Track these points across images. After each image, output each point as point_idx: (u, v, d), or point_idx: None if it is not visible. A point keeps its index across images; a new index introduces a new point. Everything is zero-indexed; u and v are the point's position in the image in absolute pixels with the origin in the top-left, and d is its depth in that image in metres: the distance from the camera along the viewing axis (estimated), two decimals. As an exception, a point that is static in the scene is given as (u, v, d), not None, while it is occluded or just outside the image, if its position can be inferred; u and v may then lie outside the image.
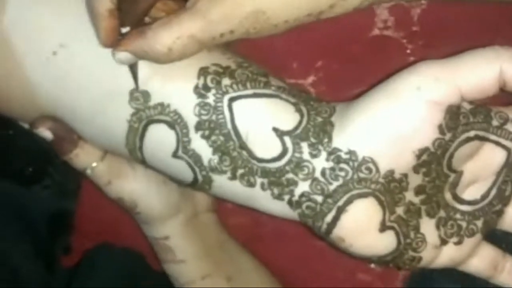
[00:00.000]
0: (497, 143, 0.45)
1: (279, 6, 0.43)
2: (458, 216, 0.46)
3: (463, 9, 0.52)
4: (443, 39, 0.52)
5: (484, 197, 0.46)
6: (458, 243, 0.46)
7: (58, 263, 0.60)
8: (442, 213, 0.46)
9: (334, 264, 0.57)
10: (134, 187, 0.53)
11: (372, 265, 0.56)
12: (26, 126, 0.52)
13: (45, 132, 0.48)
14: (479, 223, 0.46)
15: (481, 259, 0.48)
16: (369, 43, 0.53)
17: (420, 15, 0.52)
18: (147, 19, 0.44)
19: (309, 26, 0.52)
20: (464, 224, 0.46)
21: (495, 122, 0.44)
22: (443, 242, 0.46)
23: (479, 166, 0.46)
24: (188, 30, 0.42)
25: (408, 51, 0.53)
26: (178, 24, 0.42)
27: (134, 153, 0.47)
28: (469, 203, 0.46)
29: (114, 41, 0.44)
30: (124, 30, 0.44)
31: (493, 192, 0.46)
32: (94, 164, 0.51)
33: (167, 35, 0.42)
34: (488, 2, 0.50)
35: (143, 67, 0.45)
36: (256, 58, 0.47)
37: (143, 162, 0.47)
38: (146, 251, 0.59)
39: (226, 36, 0.43)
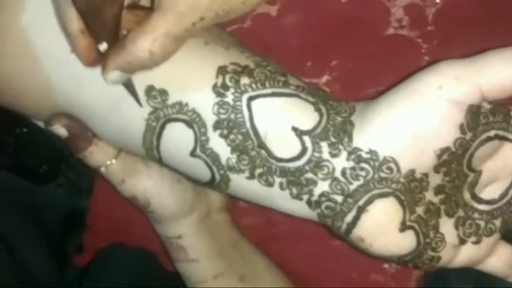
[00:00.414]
0: None
1: None
2: (476, 215, 0.46)
3: (477, 9, 0.52)
4: (458, 39, 0.52)
5: (502, 196, 0.46)
6: (477, 242, 0.46)
7: (70, 261, 0.60)
8: (461, 213, 0.46)
9: (348, 264, 0.57)
10: (148, 186, 0.52)
11: (386, 265, 0.56)
12: (40, 124, 0.52)
13: (60, 129, 0.48)
14: (497, 222, 0.46)
15: (498, 258, 0.48)
16: (384, 42, 0.53)
17: (435, 15, 0.52)
18: (123, 32, 0.44)
19: (324, 26, 0.52)
20: (482, 223, 0.46)
21: None
22: (462, 241, 0.46)
23: (498, 166, 0.45)
24: (161, 29, 0.42)
25: (423, 50, 0.53)
26: (150, 26, 0.42)
27: (151, 152, 0.46)
28: (487, 202, 0.46)
29: (94, 59, 0.44)
30: (102, 47, 0.44)
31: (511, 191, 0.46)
32: (108, 162, 0.51)
33: (144, 39, 0.42)
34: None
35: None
36: (271, 58, 0.47)
37: (160, 161, 0.47)
38: (159, 251, 0.58)
39: (198, 24, 0.43)
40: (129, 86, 0.45)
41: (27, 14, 0.47)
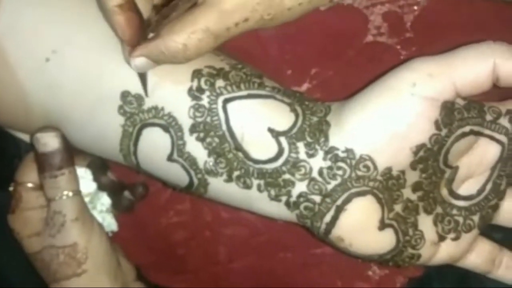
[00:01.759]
0: (492, 138, 0.45)
1: None
2: (454, 211, 0.46)
3: (455, 15, 0.52)
4: (436, 45, 0.52)
5: (480, 192, 0.46)
6: (456, 238, 0.46)
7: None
8: (439, 209, 0.46)
9: (331, 272, 0.56)
10: (93, 237, 0.50)
11: (370, 272, 0.55)
12: (18, 135, 0.52)
13: (53, 139, 0.47)
14: (476, 218, 0.46)
15: (478, 254, 0.48)
16: (363, 49, 0.53)
17: (413, 22, 0.52)
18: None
19: (303, 34, 0.52)
20: (461, 219, 0.46)
21: (488, 117, 0.45)
22: (441, 238, 0.46)
23: (474, 161, 0.46)
24: (201, 24, 0.42)
25: (402, 56, 0.53)
26: (191, 20, 0.42)
27: (129, 158, 0.46)
28: (465, 198, 0.46)
29: (133, 35, 0.43)
30: (151, 36, 0.44)
31: (489, 186, 0.46)
32: (70, 193, 0.49)
33: (181, 31, 0.42)
34: (480, 2, 0.50)
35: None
36: (251, 66, 0.47)
37: (138, 166, 0.47)
38: (140, 263, 0.58)
39: (240, 26, 0.42)
40: (143, 76, 0.45)
41: (0, 22, 0.46)
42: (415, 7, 0.52)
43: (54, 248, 0.49)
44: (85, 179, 0.51)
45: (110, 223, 0.54)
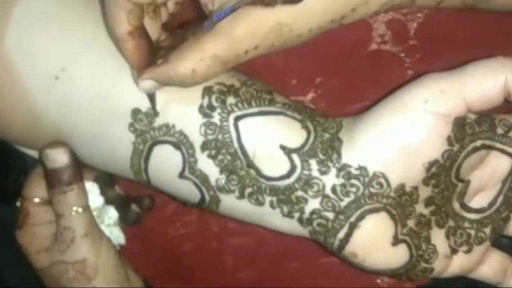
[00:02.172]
0: (503, 151, 0.45)
1: (301, 16, 0.42)
2: (466, 224, 0.46)
3: (459, 22, 0.52)
4: (440, 52, 0.52)
5: (491, 204, 0.47)
6: (468, 251, 0.46)
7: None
8: (451, 223, 0.46)
9: (340, 281, 0.57)
10: (102, 252, 0.50)
11: (378, 280, 0.56)
12: (25, 151, 0.52)
13: (63, 155, 0.47)
14: (487, 230, 0.47)
15: (490, 265, 0.48)
16: (367, 58, 0.53)
17: (416, 29, 0.52)
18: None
19: (307, 43, 0.52)
20: (473, 232, 0.46)
21: (499, 130, 0.45)
22: (454, 251, 0.46)
23: (486, 175, 0.46)
24: (210, 51, 0.42)
25: (406, 64, 0.53)
26: (199, 46, 0.42)
27: (139, 174, 0.46)
28: (476, 211, 0.47)
29: (143, 63, 0.43)
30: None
31: (500, 199, 0.47)
32: (79, 209, 0.49)
33: (190, 58, 0.42)
34: (482, 11, 0.50)
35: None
36: (256, 77, 0.47)
37: (149, 183, 0.47)
38: (150, 275, 0.58)
39: (250, 53, 0.42)
40: (152, 96, 0.45)
41: (9, 39, 0.46)
42: (419, 15, 0.52)
43: (64, 264, 0.49)
44: (92, 193, 0.52)
45: (117, 236, 0.54)
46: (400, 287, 0.56)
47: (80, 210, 0.49)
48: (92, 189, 0.52)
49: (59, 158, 0.47)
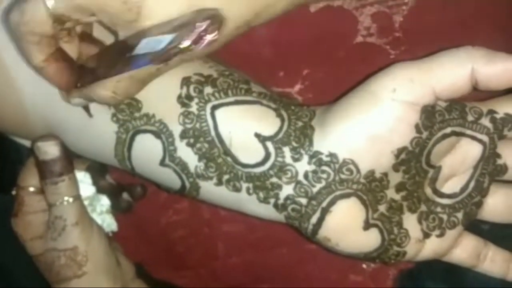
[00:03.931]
0: (473, 138, 0.46)
1: None
2: (438, 209, 0.47)
3: (443, 13, 0.53)
4: (425, 44, 0.53)
5: (463, 190, 0.48)
6: (440, 235, 0.47)
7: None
8: (423, 208, 0.47)
9: (326, 266, 0.58)
10: (92, 240, 0.52)
11: (364, 265, 0.57)
12: (19, 141, 0.54)
13: (53, 147, 0.49)
14: (460, 215, 0.48)
15: (463, 249, 0.49)
16: (353, 50, 0.54)
17: (402, 22, 0.53)
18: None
19: (295, 35, 0.53)
20: (445, 217, 0.47)
21: (470, 117, 0.46)
22: (426, 235, 0.47)
23: (457, 160, 0.47)
24: (127, 73, 0.43)
25: (392, 56, 0.54)
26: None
27: (124, 163, 0.48)
28: (448, 196, 0.48)
29: (69, 84, 0.45)
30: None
31: (472, 184, 0.47)
32: (71, 199, 0.50)
33: (109, 81, 0.43)
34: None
35: None
36: (243, 68, 0.48)
37: (133, 171, 0.48)
38: (141, 258, 0.59)
39: (162, 69, 0.43)
40: (85, 106, 0.47)
41: None
42: (404, 7, 0.52)
43: (56, 251, 0.51)
44: (84, 182, 0.53)
45: (110, 223, 0.55)
46: (384, 272, 0.57)
47: (71, 200, 0.50)
48: (84, 178, 0.53)
49: (50, 150, 0.49)
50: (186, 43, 0.41)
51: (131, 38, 0.42)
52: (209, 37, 0.41)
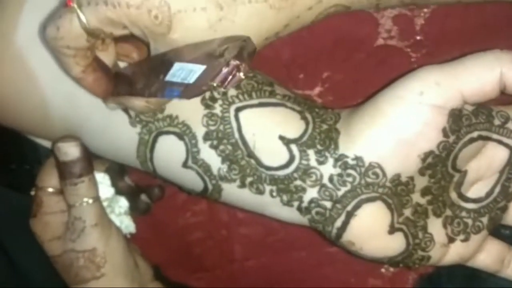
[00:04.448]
0: (500, 142, 0.46)
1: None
2: (464, 214, 0.47)
3: (465, 17, 0.52)
4: (447, 47, 0.53)
5: (488, 194, 0.47)
6: (465, 240, 0.47)
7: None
8: (448, 212, 0.47)
9: (345, 269, 0.58)
10: (111, 241, 0.52)
11: (383, 270, 0.57)
12: (38, 141, 0.54)
13: (74, 148, 0.49)
14: (485, 219, 0.47)
15: (488, 254, 0.49)
16: (374, 52, 0.53)
17: (423, 24, 0.53)
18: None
19: (315, 38, 0.53)
20: (470, 221, 0.47)
21: (496, 122, 0.45)
22: (451, 240, 0.47)
23: (483, 165, 0.47)
24: None
25: (413, 59, 0.54)
26: None
27: (145, 164, 0.48)
28: (474, 201, 0.47)
29: (106, 92, 0.45)
30: None
31: (497, 189, 0.47)
32: (90, 200, 0.50)
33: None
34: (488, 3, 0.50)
35: None
36: (264, 71, 0.48)
37: (154, 172, 0.48)
38: (161, 262, 0.59)
39: None
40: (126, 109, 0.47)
41: (20, 35, 0.48)
42: (425, 10, 0.52)
43: (74, 252, 0.51)
44: (103, 184, 0.53)
45: (128, 225, 0.55)
46: (404, 277, 0.57)
47: (90, 201, 0.50)
48: (103, 180, 0.53)
49: (70, 151, 0.49)
50: (217, 80, 0.40)
51: (165, 55, 0.42)
52: (240, 75, 0.40)
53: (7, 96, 0.49)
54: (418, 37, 0.53)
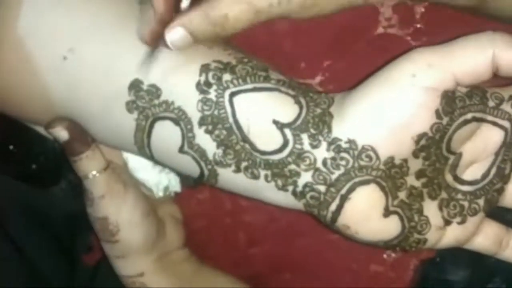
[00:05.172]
0: (494, 123, 0.46)
1: None
2: (459, 196, 0.47)
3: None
4: (447, 35, 0.52)
5: (484, 176, 0.47)
6: (462, 222, 0.47)
7: (79, 261, 0.62)
8: (444, 195, 0.47)
9: (347, 256, 0.58)
10: (122, 210, 0.53)
11: (385, 255, 0.57)
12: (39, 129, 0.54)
13: (62, 132, 0.50)
14: (481, 201, 0.47)
15: (485, 236, 0.49)
16: (374, 41, 0.54)
17: (423, 13, 0.53)
18: None
19: (316, 27, 0.53)
20: (466, 203, 0.47)
21: (491, 103, 0.45)
22: (447, 222, 0.47)
23: (478, 147, 0.46)
24: None
25: (413, 47, 0.54)
26: None
27: (143, 150, 0.48)
28: (470, 183, 0.47)
29: (167, 12, 0.44)
30: (184, 4, 0.45)
31: (493, 171, 0.47)
32: (96, 172, 0.52)
33: (224, 1, 0.43)
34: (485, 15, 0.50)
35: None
36: (265, 59, 0.48)
37: (152, 158, 0.49)
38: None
39: (283, 4, 0.44)
40: (153, 53, 0.46)
41: (21, 24, 0.48)
42: (426, -2, 0.52)
43: (92, 217, 0.53)
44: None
45: (174, 184, 0.57)
46: (406, 262, 0.57)
47: (95, 173, 0.52)
48: None
49: (59, 135, 0.50)
50: None
51: None
52: None
53: (10, 85, 0.50)
54: (418, 25, 0.53)
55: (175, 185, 0.57)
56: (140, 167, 0.56)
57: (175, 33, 0.45)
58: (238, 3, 0.43)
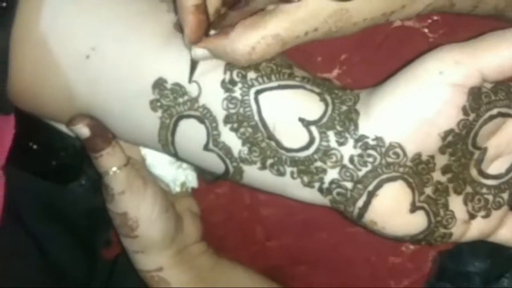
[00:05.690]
0: None
1: (361, 4, 0.43)
2: (484, 190, 0.47)
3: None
4: (464, 27, 0.53)
5: (508, 170, 0.47)
6: (486, 216, 0.47)
7: (99, 255, 0.62)
8: (469, 189, 0.47)
9: (365, 248, 0.58)
10: (142, 206, 0.53)
11: (403, 248, 0.57)
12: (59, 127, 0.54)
13: (83, 129, 0.50)
14: (505, 195, 0.48)
15: (508, 228, 0.49)
16: (391, 34, 0.54)
17: (440, 5, 0.53)
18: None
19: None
20: (490, 197, 0.47)
21: None
22: (472, 216, 0.47)
23: (503, 141, 0.47)
24: (273, 30, 0.43)
25: (430, 40, 0.54)
26: (262, 24, 0.43)
27: (167, 147, 0.48)
28: (494, 177, 0.47)
29: (199, 38, 0.44)
30: (213, 32, 0.45)
31: None
32: (116, 168, 0.52)
33: (252, 35, 0.43)
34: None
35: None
36: (281, 56, 0.48)
37: (176, 155, 0.49)
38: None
39: (310, 35, 0.44)
40: (195, 64, 0.46)
41: (43, 22, 0.48)
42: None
43: (112, 212, 0.54)
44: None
45: (191, 180, 0.57)
46: (424, 254, 0.57)
47: (115, 169, 0.52)
48: None
49: (81, 132, 0.50)
50: None
51: None
52: None
53: (32, 83, 0.50)
54: (435, 17, 0.53)
55: (192, 180, 0.57)
56: (157, 163, 0.56)
57: (198, 51, 0.45)
58: (265, 38, 0.43)
